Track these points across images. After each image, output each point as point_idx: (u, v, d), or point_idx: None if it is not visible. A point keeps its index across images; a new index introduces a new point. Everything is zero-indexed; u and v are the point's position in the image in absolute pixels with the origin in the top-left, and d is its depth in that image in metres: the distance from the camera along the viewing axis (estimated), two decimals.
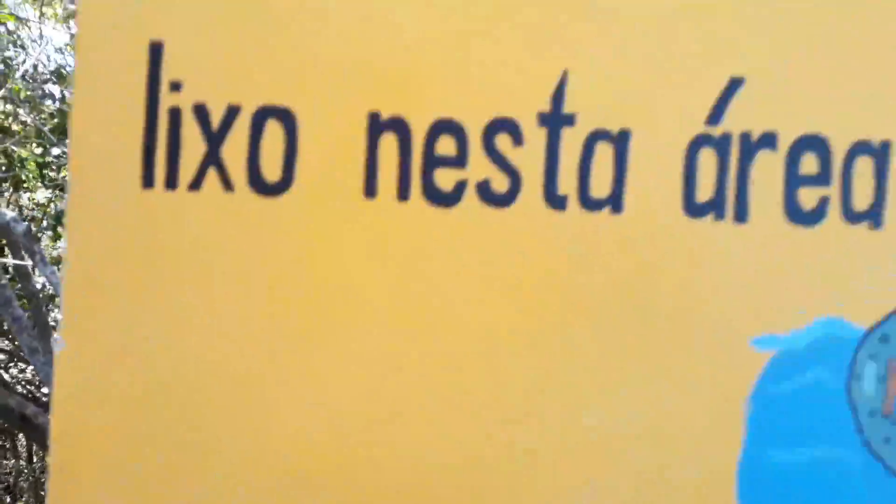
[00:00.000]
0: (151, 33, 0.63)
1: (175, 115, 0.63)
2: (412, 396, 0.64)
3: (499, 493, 0.64)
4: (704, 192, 0.64)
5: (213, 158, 0.63)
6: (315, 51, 0.63)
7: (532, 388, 0.64)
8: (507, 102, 0.64)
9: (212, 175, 0.63)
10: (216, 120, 0.63)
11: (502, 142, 0.64)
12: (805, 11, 0.63)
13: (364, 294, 0.63)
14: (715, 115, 0.63)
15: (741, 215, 0.64)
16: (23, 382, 4.47)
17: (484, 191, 0.64)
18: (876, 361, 0.65)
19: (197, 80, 0.63)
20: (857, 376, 0.65)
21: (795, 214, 0.64)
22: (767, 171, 0.64)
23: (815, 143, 0.64)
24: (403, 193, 0.64)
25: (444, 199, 0.64)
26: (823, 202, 0.64)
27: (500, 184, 0.64)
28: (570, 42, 0.63)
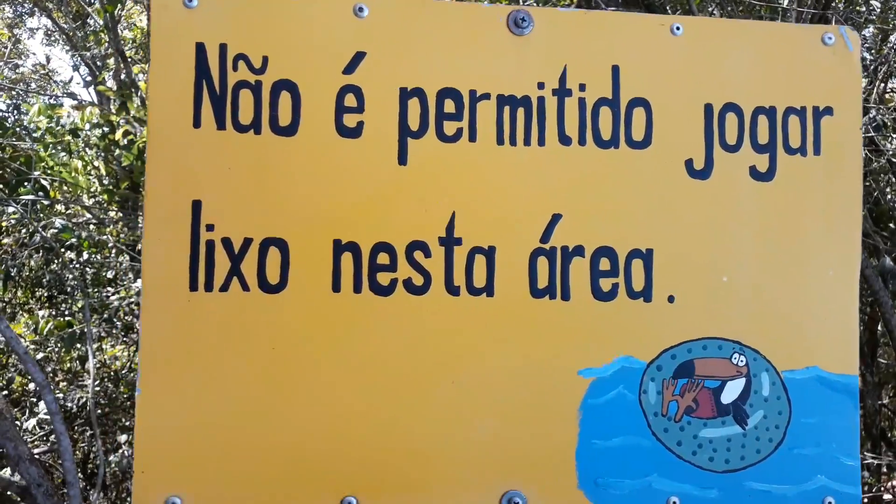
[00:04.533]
0: (193, 195, 1.00)
1: (210, 245, 1.00)
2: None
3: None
4: (542, 282, 1.04)
5: (235, 271, 1.00)
6: (299, 208, 1.01)
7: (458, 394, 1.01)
8: (418, 231, 1.03)
9: (235, 282, 0.99)
10: (237, 247, 1.00)
11: (418, 255, 1.03)
12: (591, 172, 1.05)
13: (333, 347, 1.00)
14: (545, 236, 1.04)
15: (565, 296, 1.04)
16: None
17: (408, 285, 1.02)
18: (655, 382, 1.04)
19: (224, 223, 1.00)
20: (644, 391, 1.04)
21: (599, 294, 1.04)
22: (579, 269, 1.04)
23: (607, 251, 1.05)
24: (357, 289, 1.02)
25: (383, 291, 1.02)
26: (614, 286, 1.05)
27: (418, 280, 1.03)
28: (458, 195, 1.04)
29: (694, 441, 1.03)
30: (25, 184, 4.49)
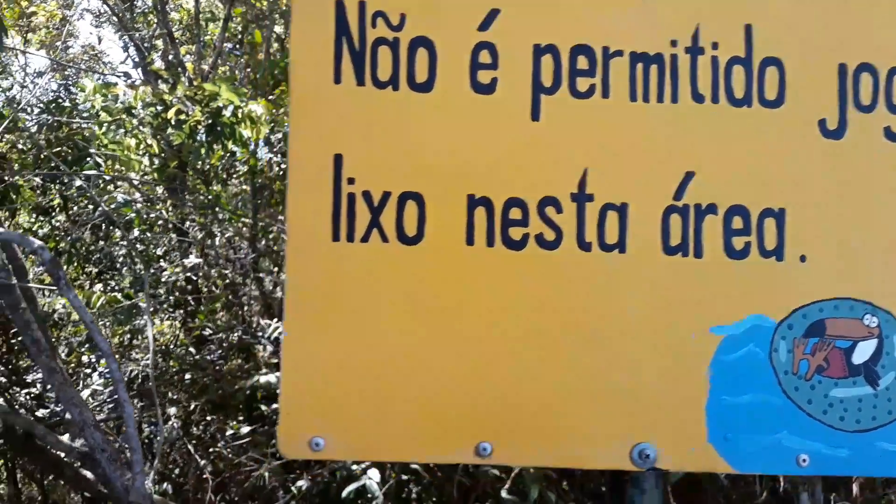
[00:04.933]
0: (335, 149, 1.03)
1: (351, 198, 1.02)
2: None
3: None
4: (675, 240, 1.04)
5: (374, 223, 1.02)
6: (435, 163, 1.03)
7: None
8: (550, 187, 1.04)
9: (374, 233, 1.02)
10: (376, 200, 1.02)
11: (550, 211, 1.04)
12: (724, 130, 1.05)
13: (468, 298, 1.02)
14: (678, 194, 1.05)
15: (698, 253, 1.04)
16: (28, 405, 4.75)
17: (540, 240, 1.04)
18: (786, 340, 1.05)
19: (364, 177, 1.03)
20: (775, 350, 1.04)
21: (731, 253, 1.05)
22: (712, 227, 1.05)
23: (740, 210, 1.05)
24: (490, 242, 1.03)
25: (515, 245, 1.03)
26: (747, 245, 1.05)
27: (550, 235, 1.04)
28: (590, 152, 1.05)
29: (824, 400, 1.04)
30: (87, 159, 4.59)
